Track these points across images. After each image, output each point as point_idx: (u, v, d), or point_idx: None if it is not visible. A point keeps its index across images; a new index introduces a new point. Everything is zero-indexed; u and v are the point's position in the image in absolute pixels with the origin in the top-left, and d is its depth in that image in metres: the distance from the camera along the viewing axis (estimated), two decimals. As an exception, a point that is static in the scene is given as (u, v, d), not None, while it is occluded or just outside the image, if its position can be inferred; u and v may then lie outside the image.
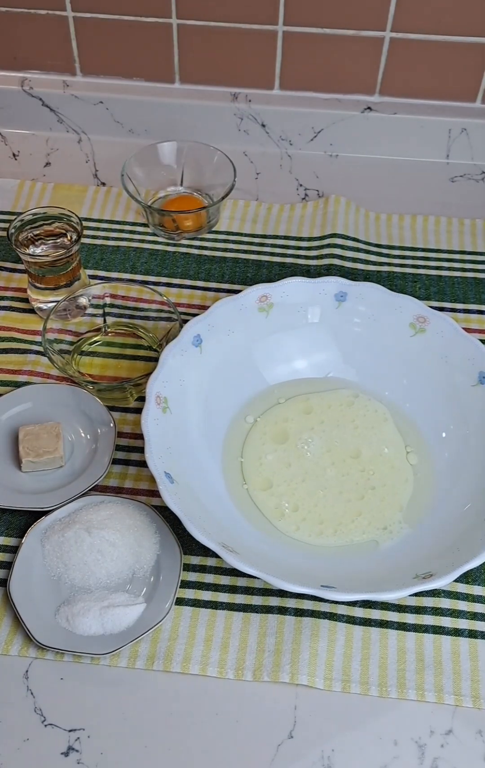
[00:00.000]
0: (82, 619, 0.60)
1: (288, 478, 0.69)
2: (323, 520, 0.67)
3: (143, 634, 0.59)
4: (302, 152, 0.97)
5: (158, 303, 0.77)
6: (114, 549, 0.62)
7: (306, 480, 0.69)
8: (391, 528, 0.66)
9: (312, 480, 0.69)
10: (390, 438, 0.71)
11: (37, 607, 0.61)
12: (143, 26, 0.89)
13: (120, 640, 0.59)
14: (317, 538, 0.66)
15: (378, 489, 0.69)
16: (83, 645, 0.59)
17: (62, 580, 0.63)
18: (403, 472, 0.70)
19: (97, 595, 0.62)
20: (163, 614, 0.60)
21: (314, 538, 0.66)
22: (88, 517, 0.64)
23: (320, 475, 0.69)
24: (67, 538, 0.63)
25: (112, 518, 0.64)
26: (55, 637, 0.60)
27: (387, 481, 0.69)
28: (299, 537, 0.66)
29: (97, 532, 0.63)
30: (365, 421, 0.72)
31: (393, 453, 0.71)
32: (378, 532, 0.66)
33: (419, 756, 0.56)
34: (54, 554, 0.63)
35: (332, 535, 0.66)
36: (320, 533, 0.66)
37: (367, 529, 0.66)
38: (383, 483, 0.69)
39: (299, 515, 0.67)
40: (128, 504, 0.67)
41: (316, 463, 0.70)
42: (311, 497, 0.68)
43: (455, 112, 0.94)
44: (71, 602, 0.61)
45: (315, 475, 0.69)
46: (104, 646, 0.59)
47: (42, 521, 0.65)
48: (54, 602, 0.62)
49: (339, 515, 0.67)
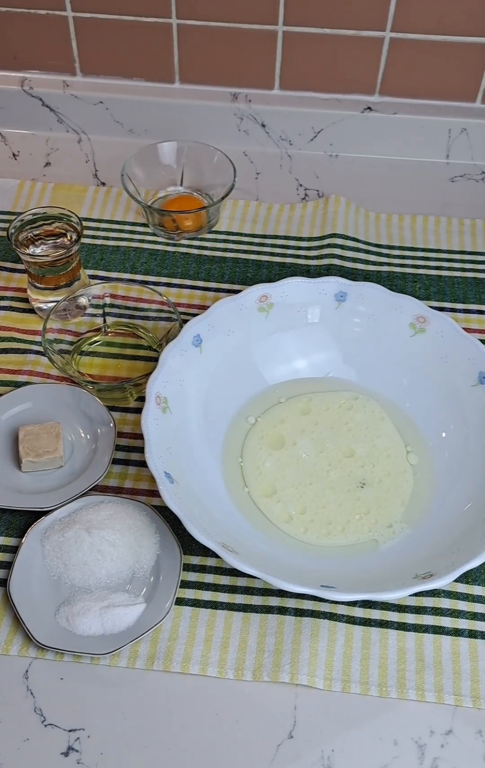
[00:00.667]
0: (83, 619, 0.60)
1: (292, 482, 0.69)
2: (331, 521, 0.67)
3: (143, 634, 0.59)
4: (302, 152, 0.97)
5: (157, 303, 0.77)
6: (114, 549, 0.62)
7: (313, 483, 0.69)
8: (395, 526, 0.66)
9: (317, 482, 0.69)
10: (389, 438, 0.71)
11: (37, 607, 0.61)
12: (143, 26, 0.89)
13: (120, 640, 0.59)
14: (325, 538, 0.66)
15: (384, 481, 0.69)
16: (83, 645, 0.59)
17: (62, 580, 0.63)
18: (403, 471, 0.70)
19: (97, 595, 0.62)
20: (163, 614, 0.60)
21: (322, 539, 0.66)
22: (88, 517, 0.64)
23: (323, 476, 0.69)
24: (67, 538, 0.63)
25: (112, 518, 0.64)
26: (56, 637, 0.60)
27: (388, 477, 0.69)
28: (307, 539, 0.66)
29: (97, 532, 0.63)
30: (363, 421, 0.72)
31: (393, 452, 0.71)
32: (383, 529, 0.66)
33: (419, 756, 0.56)
34: (54, 554, 0.63)
35: (340, 534, 0.66)
36: (328, 533, 0.66)
37: (373, 527, 0.66)
38: (384, 477, 0.69)
39: (307, 517, 0.67)
40: (128, 504, 0.67)
41: (316, 465, 0.70)
42: (319, 499, 0.68)
43: (455, 112, 0.94)
44: (71, 602, 0.61)
45: (319, 477, 0.69)
46: (104, 646, 0.59)
47: (42, 521, 0.65)
48: (54, 602, 0.62)
49: (347, 514, 0.67)
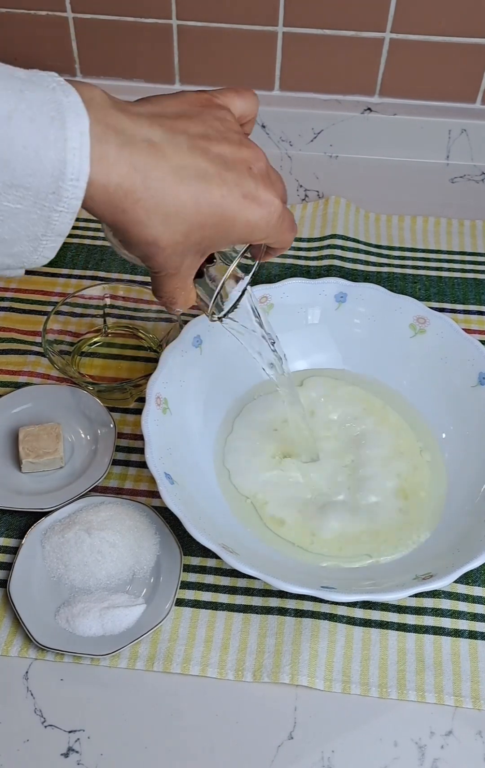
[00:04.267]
0: (83, 620, 0.60)
1: (299, 508, 0.67)
2: (356, 540, 0.65)
3: (143, 635, 0.59)
4: (302, 153, 0.97)
5: (157, 304, 0.77)
6: (114, 550, 0.62)
7: (325, 506, 0.67)
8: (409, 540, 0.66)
9: (329, 505, 0.67)
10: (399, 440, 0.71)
11: (37, 608, 0.61)
12: (143, 27, 0.89)
13: (120, 640, 0.59)
14: (350, 558, 0.65)
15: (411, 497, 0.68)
16: (83, 646, 0.59)
17: (62, 581, 0.63)
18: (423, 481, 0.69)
19: (97, 596, 0.61)
20: (163, 615, 0.60)
21: (315, 546, 0.66)
22: (88, 518, 0.64)
23: (333, 494, 0.68)
24: (67, 539, 0.63)
25: (112, 519, 0.64)
26: (56, 637, 0.59)
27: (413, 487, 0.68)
28: (330, 553, 0.65)
29: (97, 533, 0.63)
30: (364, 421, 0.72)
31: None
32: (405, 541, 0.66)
33: (419, 757, 0.56)
34: (54, 555, 0.63)
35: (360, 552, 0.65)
36: (350, 552, 0.65)
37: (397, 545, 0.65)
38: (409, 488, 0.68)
39: (303, 522, 0.66)
40: (128, 505, 0.67)
41: (326, 483, 0.68)
42: (336, 522, 0.66)
43: (455, 113, 0.94)
44: (71, 603, 0.61)
45: (328, 495, 0.68)
46: (104, 646, 0.59)
47: (42, 522, 0.65)
48: (54, 603, 0.62)
49: (374, 531, 0.66)
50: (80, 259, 0.85)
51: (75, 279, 0.84)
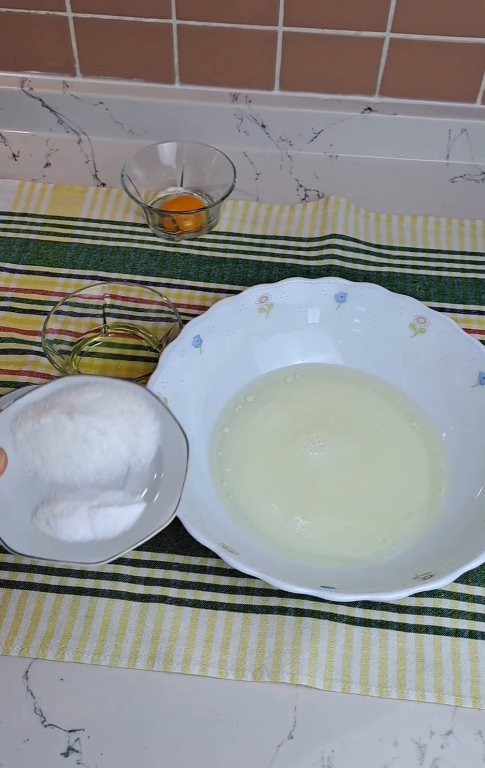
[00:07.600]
0: (67, 521, 0.50)
1: (299, 508, 0.67)
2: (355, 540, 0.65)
3: (144, 540, 0.50)
4: (302, 153, 0.97)
5: (157, 303, 0.77)
6: (103, 438, 0.52)
7: (324, 506, 0.67)
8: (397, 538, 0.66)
9: (328, 505, 0.67)
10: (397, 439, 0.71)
11: (9, 508, 0.51)
12: (143, 26, 0.89)
13: (115, 546, 0.50)
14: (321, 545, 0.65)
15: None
16: (69, 552, 0.50)
17: (39, 476, 0.52)
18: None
19: (85, 494, 0.52)
20: (167, 517, 0.51)
21: (317, 546, 0.66)
22: (70, 400, 0.53)
23: (337, 497, 0.68)
24: (45, 426, 0.52)
25: (100, 402, 0.53)
26: (34, 543, 0.50)
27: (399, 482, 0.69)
28: (330, 553, 0.65)
29: (82, 418, 0.51)
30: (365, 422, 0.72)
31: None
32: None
33: (419, 757, 0.56)
34: (28, 445, 0.52)
35: (360, 548, 0.65)
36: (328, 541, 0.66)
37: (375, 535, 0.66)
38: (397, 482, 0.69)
39: (304, 522, 0.66)
40: (121, 386, 0.54)
41: (329, 487, 0.68)
42: (338, 524, 0.66)
43: (455, 113, 0.94)
44: (52, 502, 0.51)
45: (333, 498, 0.67)
46: (95, 553, 0.50)
47: (13, 405, 0.53)
48: (31, 502, 0.52)
49: (370, 533, 0.66)
50: (80, 259, 0.85)
51: (75, 279, 0.84)
